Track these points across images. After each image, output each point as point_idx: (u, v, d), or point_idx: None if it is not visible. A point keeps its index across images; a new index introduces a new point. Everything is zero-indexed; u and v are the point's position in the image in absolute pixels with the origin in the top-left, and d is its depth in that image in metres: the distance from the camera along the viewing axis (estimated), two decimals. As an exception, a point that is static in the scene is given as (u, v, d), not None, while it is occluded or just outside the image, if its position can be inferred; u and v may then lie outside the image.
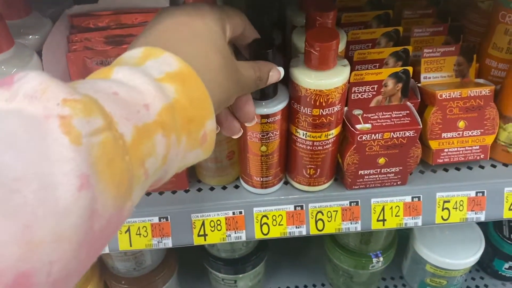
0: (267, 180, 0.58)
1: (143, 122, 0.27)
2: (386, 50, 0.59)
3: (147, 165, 0.28)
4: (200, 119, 0.32)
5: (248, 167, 0.57)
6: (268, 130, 0.51)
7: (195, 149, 0.32)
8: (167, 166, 0.30)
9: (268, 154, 0.54)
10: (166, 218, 0.60)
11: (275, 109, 0.50)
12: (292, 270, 0.95)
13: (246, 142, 0.54)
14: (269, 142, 0.53)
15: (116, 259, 0.74)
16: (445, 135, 0.59)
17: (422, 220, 0.61)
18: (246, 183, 0.60)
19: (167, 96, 0.29)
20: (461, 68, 0.61)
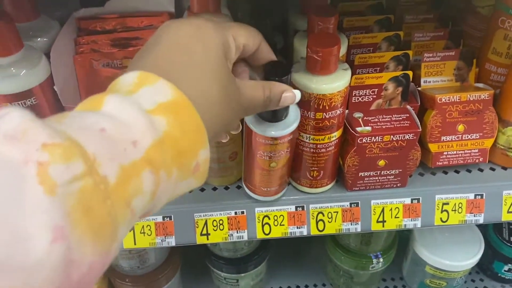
0: (274, 190, 0.58)
1: (130, 161, 0.27)
2: (387, 54, 0.60)
3: (133, 204, 0.27)
4: (193, 150, 0.31)
5: (255, 179, 0.56)
6: (279, 149, 0.50)
7: (186, 179, 0.31)
8: (156, 200, 0.29)
9: (277, 169, 0.53)
10: (170, 217, 0.61)
11: (286, 132, 0.48)
12: (293, 270, 0.96)
13: (255, 159, 0.52)
14: (280, 159, 0.52)
15: (121, 257, 0.76)
16: (445, 138, 0.60)
17: (421, 222, 0.62)
18: (251, 191, 0.59)
19: (157, 130, 0.28)
20: (461, 72, 0.62)
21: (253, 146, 0.50)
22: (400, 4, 0.74)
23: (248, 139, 0.50)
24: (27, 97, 0.49)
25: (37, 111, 0.51)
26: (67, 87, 0.54)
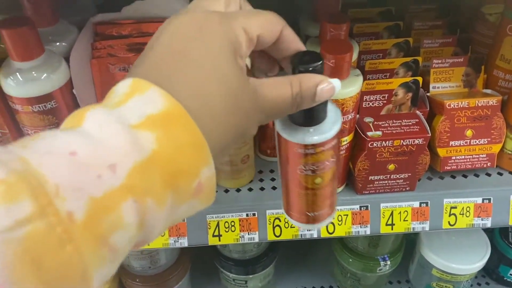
0: (325, 212, 0.45)
1: (105, 190, 0.22)
2: (397, 60, 0.61)
3: (112, 240, 0.23)
4: (192, 169, 0.26)
5: (299, 204, 0.45)
6: (323, 159, 0.40)
7: (186, 201, 0.27)
8: (146, 231, 0.25)
9: (324, 185, 0.42)
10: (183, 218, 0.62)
11: (329, 134, 0.38)
12: (301, 272, 0.97)
13: (295, 176, 0.42)
14: (325, 172, 0.41)
15: (132, 257, 0.77)
16: (453, 143, 0.61)
17: (429, 225, 0.63)
18: (297, 220, 0.47)
19: (142, 149, 0.24)
20: (469, 78, 0.63)
21: (290, 160, 0.40)
22: (409, 11, 0.75)
23: (283, 152, 0.40)
24: (47, 101, 0.51)
25: (57, 114, 0.52)
26: (86, 90, 0.55)
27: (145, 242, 0.27)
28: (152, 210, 0.24)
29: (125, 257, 0.26)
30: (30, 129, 0.53)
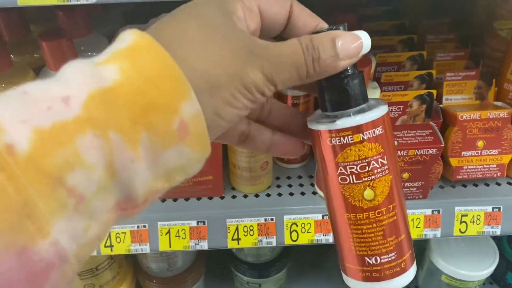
0: (387, 260, 0.32)
1: (55, 121, 0.20)
2: (412, 73, 0.63)
3: (71, 181, 0.20)
4: (167, 102, 0.22)
5: (347, 239, 0.33)
6: (370, 156, 0.31)
7: (171, 146, 0.23)
8: (123, 179, 0.22)
9: (380, 204, 0.31)
10: (204, 222, 0.65)
11: (372, 115, 0.30)
12: (312, 277, 0.99)
13: (336, 188, 0.32)
14: (377, 179, 0.31)
15: (151, 259, 0.79)
16: (465, 153, 0.64)
17: (441, 232, 0.65)
18: (347, 274, 0.35)
19: (101, 80, 0.21)
20: (480, 91, 0.66)
21: (326, 162, 0.32)
22: (422, 24, 0.78)
23: (318, 156, 0.33)
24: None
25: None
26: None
27: (132, 201, 0.23)
28: (120, 149, 0.21)
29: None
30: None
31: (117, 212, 0.23)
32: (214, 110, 0.25)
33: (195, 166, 0.26)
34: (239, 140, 0.33)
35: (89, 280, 0.76)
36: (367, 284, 0.33)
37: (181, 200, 0.67)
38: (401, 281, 0.33)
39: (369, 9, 0.83)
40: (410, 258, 0.34)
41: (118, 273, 0.80)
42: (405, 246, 0.33)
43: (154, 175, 0.23)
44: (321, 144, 0.32)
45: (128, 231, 0.64)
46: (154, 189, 0.24)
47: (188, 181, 0.64)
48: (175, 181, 0.25)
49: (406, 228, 0.33)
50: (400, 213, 0.32)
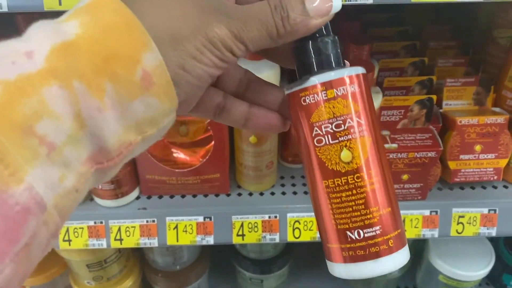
0: (376, 236, 0.30)
1: (20, 74, 0.21)
2: (413, 78, 0.66)
3: (41, 130, 0.21)
4: (128, 52, 0.23)
5: (327, 211, 0.31)
6: (345, 113, 0.30)
7: (137, 97, 0.24)
8: (93, 128, 0.23)
9: (358, 166, 0.30)
10: (210, 218, 0.67)
11: (345, 72, 0.30)
12: (313, 274, 1.01)
13: (312, 150, 0.31)
14: (352, 141, 0.30)
15: (157, 253, 0.82)
16: (463, 157, 0.66)
17: (438, 232, 0.68)
18: (331, 257, 0.32)
19: (62, 34, 0.22)
20: (479, 97, 0.68)
21: (302, 126, 0.31)
22: (424, 31, 0.80)
23: (295, 123, 0.32)
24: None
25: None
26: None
27: (106, 153, 0.24)
28: (86, 98, 0.22)
29: None
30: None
31: (93, 165, 0.24)
32: (179, 63, 0.25)
33: (165, 119, 0.26)
34: (215, 113, 0.33)
35: (97, 273, 0.79)
36: (351, 266, 0.30)
37: (189, 196, 0.69)
38: (389, 262, 0.30)
39: (374, 15, 0.85)
40: (399, 239, 0.30)
41: (125, 267, 0.83)
42: (392, 222, 0.30)
43: (124, 127, 0.24)
44: (295, 107, 0.31)
45: (137, 225, 0.66)
46: (126, 141, 0.24)
47: (196, 179, 0.67)
48: (147, 134, 0.25)
49: (392, 203, 0.31)
50: (383, 183, 0.30)
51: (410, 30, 0.80)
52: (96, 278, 0.79)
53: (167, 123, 0.26)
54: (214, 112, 0.33)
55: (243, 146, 0.65)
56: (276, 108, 0.33)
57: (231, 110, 0.33)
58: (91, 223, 0.66)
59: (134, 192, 0.68)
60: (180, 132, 0.66)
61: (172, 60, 0.25)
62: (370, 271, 0.30)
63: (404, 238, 0.31)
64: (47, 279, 0.81)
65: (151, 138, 0.26)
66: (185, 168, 0.66)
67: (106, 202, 0.66)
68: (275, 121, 0.33)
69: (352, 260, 0.30)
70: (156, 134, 0.26)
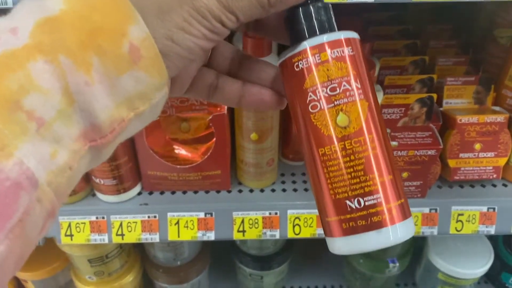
0: (377, 204, 0.28)
1: (5, 50, 0.21)
2: (414, 77, 0.66)
3: (28, 105, 0.21)
4: (113, 26, 0.23)
5: (324, 180, 0.30)
6: (340, 76, 0.29)
7: (125, 71, 0.23)
8: (82, 104, 0.23)
9: (357, 131, 0.29)
10: (211, 214, 0.68)
11: (343, 35, 0.29)
12: (312, 271, 1.02)
13: (308, 118, 0.30)
14: (349, 104, 0.29)
15: (158, 249, 0.83)
16: (463, 155, 0.67)
17: (438, 230, 0.68)
18: (331, 232, 0.30)
19: (46, 10, 0.22)
20: (479, 96, 0.68)
21: (296, 94, 0.30)
22: (425, 30, 0.81)
23: (289, 92, 0.31)
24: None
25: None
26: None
27: (98, 130, 0.24)
28: (72, 72, 0.22)
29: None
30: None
31: (86, 142, 0.23)
32: (167, 35, 0.25)
33: (156, 93, 0.25)
34: (209, 93, 0.33)
35: (98, 268, 0.79)
36: (352, 239, 0.29)
37: (190, 192, 0.70)
38: (393, 233, 0.28)
39: (375, 14, 0.86)
40: (403, 209, 0.29)
41: (126, 262, 0.84)
42: (394, 190, 0.29)
43: (115, 103, 0.24)
44: (289, 76, 0.30)
45: (139, 220, 0.67)
46: (118, 117, 0.24)
47: (197, 175, 0.67)
48: (139, 110, 0.25)
49: (394, 171, 0.29)
50: (382, 149, 0.29)
51: (411, 29, 0.80)
52: (97, 273, 0.80)
53: (159, 98, 0.26)
54: (208, 92, 0.33)
55: (244, 143, 0.66)
56: (270, 85, 0.33)
57: (224, 89, 0.33)
58: (93, 218, 0.67)
59: (136, 188, 0.68)
60: (182, 128, 0.66)
61: (160, 32, 0.25)
62: (373, 243, 0.28)
63: (408, 209, 0.30)
64: (48, 273, 0.81)
65: (145, 115, 0.26)
66: (187, 164, 0.66)
67: (108, 197, 0.67)
68: (269, 98, 0.33)
69: (353, 232, 0.28)
70: (150, 111, 0.26)
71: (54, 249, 0.78)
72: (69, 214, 0.66)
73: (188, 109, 0.64)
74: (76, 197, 0.67)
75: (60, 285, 0.86)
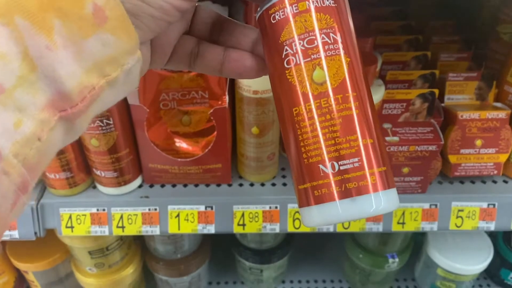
0: (354, 169, 0.26)
1: None
2: (415, 72, 0.66)
3: None
4: None
5: (299, 150, 0.27)
6: (316, 27, 0.27)
7: (91, 34, 0.22)
8: (44, 69, 0.21)
9: (333, 88, 0.26)
10: (212, 207, 0.68)
11: None
12: (312, 265, 1.02)
13: (282, 73, 0.28)
14: (327, 59, 0.27)
15: (159, 242, 0.83)
16: (463, 151, 0.66)
17: (437, 226, 0.69)
18: (304, 201, 0.28)
19: None
20: (481, 92, 0.68)
21: (271, 48, 0.28)
22: (428, 26, 0.81)
23: (266, 47, 0.29)
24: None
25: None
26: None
27: (67, 98, 0.22)
28: (31, 36, 0.21)
29: None
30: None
31: (55, 112, 0.22)
32: None
33: (128, 58, 0.24)
34: (190, 62, 0.32)
35: (99, 260, 0.79)
36: (325, 207, 0.26)
37: (191, 186, 0.70)
38: (370, 203, 0.25)
39: (378, 9, 0.86)
40: (384, 177, 0.26)
41: (126, 254, 0.84)
42: (374, 155, 0.26)
43: (83, 68, 0.22)
44: (266, 30, 0.28)
45: (139, 213, 0.67)
46: (88, 84, 0.22)
47: (198, 169, 0.67)
48: (111, 77, 0.23)
49: (376, 135, 0.26)
50: (362, 110, 0.26)
51: (413, 24, 0.80)
52: (97, 265, 0.80)
53: (132, 64, 0.24)
54: (189, 61, 0.32)
55: (245, 137, 0.66)
56: (251, 49, 0.31)
57: (205, 56, 0.32)
58: (93, 210, 0.67)
59: (136, 181, 0.69)
60: (183, 122, 0.66)
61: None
62: (348, 212, 0.25)
63: (391, 179, 0.27)
64: (49, 265, 0.82)
65: (118, 83, 0.24)
66: (188, 157, 0.66)
67: (108, 189, 0.67)
68: (250, 63, 0.31)
69: (326, 199, 0.26)
70: (124, 79, 0.24)
71: (54, 241, 0.78)
72: (70, 206, 0.66)
73: (189, 102, 0.64)
74: (77, 189, 0.67)
75: (61, 276, 0.86)
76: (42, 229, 0.67)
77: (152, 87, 0.62)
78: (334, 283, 0.99)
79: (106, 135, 0.60)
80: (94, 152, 0.62)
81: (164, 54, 0.30)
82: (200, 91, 0.63)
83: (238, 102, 0.63)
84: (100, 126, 0.59)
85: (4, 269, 0.86)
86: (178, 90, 0.63)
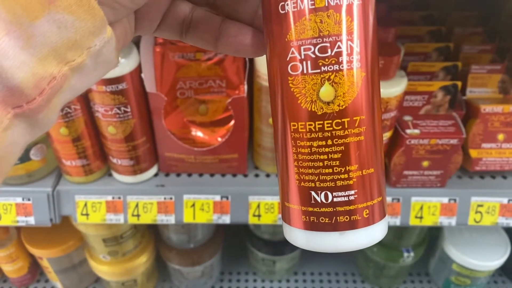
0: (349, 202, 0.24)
1: None
2: (438, 64, 0.65)
3: None
4: None
5: (291, 168, 0.25)
6: (333, 32, 0.23)
7: (41, 15, 0.19)
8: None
9: (341, 110, 0.23)
10: (227, 197, 0.67)
11: None
12: (324, 258, 1.02)
13: (285, 82, 0.24)
14: (341, 73, 0.23)
15: (172, 231, 0.83)
16: (485, 145, 0.65)
17: (456, 221, 0.68)
18: (290, 220, 0.26)
19: None
20: (504, 85, 0.67)
21: (274, 44, 0.24)
22: (450, 17, 0.79)
23: (268, 39, 0.25)
24: (119, 82, 0.56)
25: (126, 95, 0.58)
26: (152, 75, 0.61)
27: (19, 93, 0.19)
28: None
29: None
30: (100, 107, 0.58)
31: (8, 110, 0.19)
32: None
33: (94, 39, 0.20)
34: (182, 31, 0.28)
35: (113, 247, 0.80)
36: (311, 235, 0.24)
37: (206, 175, 0.69)
38: (360, 238, 0.24)
39: (399, -2, 0.84)
40: (378, 209, 0.24)
41: (140, 243, 0.84)
42: (373, 187, 0.23)
43: (35, 57, 0.19)
44: (270, 17, 0.24)
45: (155, 202, 0.67)
46: (45, 74, 0.19)
47: (214, 158, 0.67)
48: (75, 63, 0.20)
49: (378, 162, 0.24)
50: (370, 136, 0.23)
51: (435, 14, 0.78)
52: (111, 253, 0.80)
53: (100, 45, 0.21)
54: (180, 30, 0.28)
55: (262, 127, 0.65)
56: (251, 19, 0.27)
57: (198, 27, 0.27)
58: (109, 198, 0.67)
59: (152, 169, 0.68)
60: (200, 111, 0.65)
61: None
62: (333, 245, 0.24)
63: (384, 207, 0.25)
64: (63, 251, 0.82)
65: (86, 67, 0.21)
66: (204, 147, 0.66)
67: (124, 178, 0.67)
68: (248, 39, 0.26)
69: (313, 228, 0.24)
70: (94, 62, 0.21)
71: (69, 228, 0.78)
72: (86, 193, 0.66)
73: (206, 91, 0.63)
74: (92, 177, 0.67)
75: (74, 263, 0.86)
76: (57, 216, 0.67)
77: (169, 76, 0.62)
78: (347, 276, 0.99)
79: (124, 123, 0.60)
80: (111, 140, 0.62)
81: (152, 21, 0.26)
82: (217, 80, 0.62)
83: (257, 92, 0.62)
84: (117, 113, 0.59)
85: (19, 255, 0.87)
86: (195, 78, 0.62)
